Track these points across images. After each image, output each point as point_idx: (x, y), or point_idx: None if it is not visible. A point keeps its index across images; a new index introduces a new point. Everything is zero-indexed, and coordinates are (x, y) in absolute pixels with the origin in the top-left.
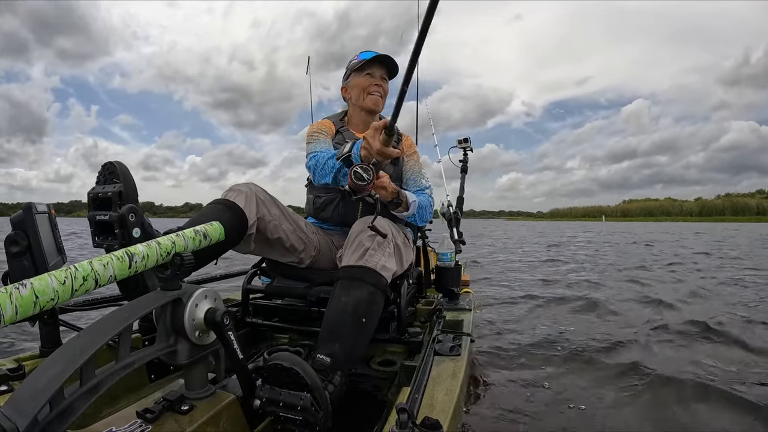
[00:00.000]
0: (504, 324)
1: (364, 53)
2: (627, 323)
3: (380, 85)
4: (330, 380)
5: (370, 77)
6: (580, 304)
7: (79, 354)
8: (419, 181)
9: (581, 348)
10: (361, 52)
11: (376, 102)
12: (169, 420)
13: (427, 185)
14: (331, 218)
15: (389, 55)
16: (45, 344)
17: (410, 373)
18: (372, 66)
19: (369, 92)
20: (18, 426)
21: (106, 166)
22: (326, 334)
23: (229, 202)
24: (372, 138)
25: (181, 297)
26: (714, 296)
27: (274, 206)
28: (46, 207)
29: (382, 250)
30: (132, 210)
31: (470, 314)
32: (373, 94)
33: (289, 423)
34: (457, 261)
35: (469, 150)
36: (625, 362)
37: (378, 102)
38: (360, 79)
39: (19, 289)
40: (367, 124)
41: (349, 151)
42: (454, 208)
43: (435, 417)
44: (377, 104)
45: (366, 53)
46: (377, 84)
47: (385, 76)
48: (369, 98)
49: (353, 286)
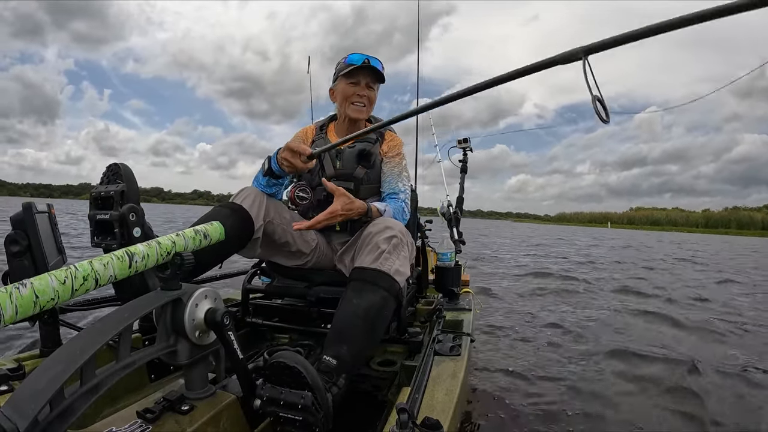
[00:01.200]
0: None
1: (352, 56)
2: (624, 322)
3: (364, 95)
4: (334, 382)
5: (354, 85)
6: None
7: (79, 354)
8: (395, 184)
9: (583, 347)
10: (351, 53)
11: (358, 113)
12: (170, 420)
13: (402, 189)
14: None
15: (376, 64)
16: (45, 344)
17: (410, 373)
18: (359, 73)
19: (352, 102)
20: (18, 426)
21: (111, 167)
22: (334, 335)
23: (236, 205)
24: (293, 159)
25: (181, 297)
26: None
27: (285, 210)
28: (46, 206)
29: (398, 253)
30: (133, 209)
31: (470, 314)
32: (356, 104)
33: (289, 424)
34: (457, 261)
35: (468, 150)
36: (624, 363)
37: (360, 112)
38: (345, 85)
39: (19, 288)
40: (350, 131)
41: (269, 167)
42: (454, 208)
43: (435, 417)
44: (359, 115)
45: (355, 56)
46: (361, 94)
47: (372, 84)
48: (351, 108)
49: (366, 289)
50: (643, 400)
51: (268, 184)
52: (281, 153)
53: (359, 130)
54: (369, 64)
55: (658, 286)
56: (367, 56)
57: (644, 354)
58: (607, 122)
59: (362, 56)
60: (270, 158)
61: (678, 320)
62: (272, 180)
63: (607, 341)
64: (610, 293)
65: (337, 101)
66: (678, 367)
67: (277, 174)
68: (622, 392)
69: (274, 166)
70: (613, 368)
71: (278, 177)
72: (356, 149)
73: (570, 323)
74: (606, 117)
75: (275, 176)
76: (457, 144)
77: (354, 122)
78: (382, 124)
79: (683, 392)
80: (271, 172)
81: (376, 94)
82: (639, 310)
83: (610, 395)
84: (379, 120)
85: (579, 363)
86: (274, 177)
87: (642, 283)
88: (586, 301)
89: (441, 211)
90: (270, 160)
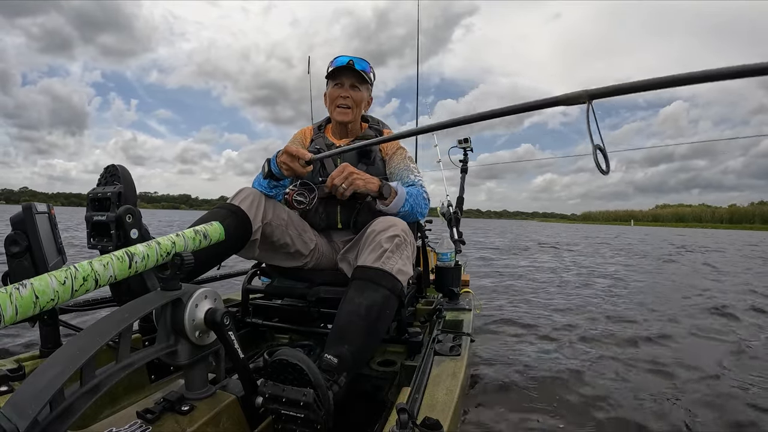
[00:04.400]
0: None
1: (339, 58)
2: (624, 321)
3: (347, 97)
4: (335, 381)
5: (339, 87)
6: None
7: (80, 354)
8: (407, 176)
9: (581, 346)
10: (337, 56)
11: (342, 115)
12: (170, 420)
13: (415, 180)
14: (317, 223)
15: (362, 65)
16: (45, 344)
17: (410, 373)
18: (341, 74)
19: (337, 105)
20: (18, 427)
21: (108, 168)
22: (336, 334)
23: (233, 206)
24: (292, 163)
25: (181, 297)
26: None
27: (283, 210)
28: (46, 207)
29: (400, 252)
30: (129, 211)
31: (470, 314)
32: (340, 107)
33: (290, 422)
34: (457, 261)
35: (469, 150)
36: (622, 361)
37: (345, 114)
38: (331, 88)
39: (19, 289)
40: (342, 132)
41: (269, 170)
42: (454, 208)
43: (435, 417)
44: (343, 118)
45: (339, 59)
46: (344, 95)
47: (357, 84)
48: (336, 111)
49: (368, 288)
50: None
51: (269, 186)
52: (280, 156)
53: (351, 132)
54: (352, 65)
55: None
56: (352, 57)
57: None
58: (606, 173)
59: (347, 57)
60: (270, 161)
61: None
62: (273, 182)
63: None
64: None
65: (327, 105)
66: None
67: (278, 176)
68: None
69: (274, 169)
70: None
71: (279, 179)
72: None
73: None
74: (606, 168)
75: (276, 178)
76: (458, 144)
77: (344, 124)
78: (384, 138)
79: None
80: (271, 175)
81: (366, 95)
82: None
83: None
84: (375, 120)
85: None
86: (274, 179)
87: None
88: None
89: (441, 211)
90: (270, 162)
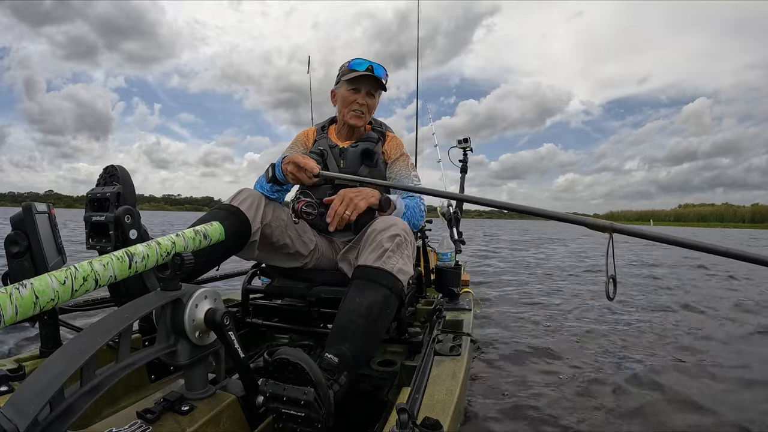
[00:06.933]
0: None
1: (356, 61)
2: (621, 320)
3: (364, 104)
4: (336, 380)
5: (355, 92)
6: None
7: (79, 354)
8: (407, 184)
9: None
10: (354, 59)
11: (356, 120)
12: (170, 420)
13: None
14: (317, 227)
15: (380, 72)
16: (45, 344)
17: (410, 373)
18: (361, 81)
19: (351, 109)
20: (18, 426)
21: (108, 169)
22: (336, 333)
23: (233, 207)
24: (299, 174)
25: (181, 297)
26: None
27: (283, 212)
28: (46, 207)
29: (401, 252)
30: (128, 211)
31: (470, 314)
32: (355, 112)
33: (291, 421)
34: (457, 261)
35: (469, 150)
36: (621, 362)
37: (359, 119)
38: (346, 91)
39: (19, 289)
40: (348, 134)
41: (273, 175)
42: (454, 208)
43: (435, 417)
44: (357, 122)
45: (358, 62)
46: (361, 102)
47: (373, 91)
48: (350, 115)
49: (368, 287)
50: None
51: (272, 190)
52: (286, 165)
53: (358, 134)
54: (372, 73)
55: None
56: (371, 62)
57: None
58: (612, 300)
59: (366, 62)
60: (274, 165)
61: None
62: (276, 186)
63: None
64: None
65: (337, 105)
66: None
67: (281, 182)
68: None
69: (278, 174)
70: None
71: (282, 184)
72: (359, 148)
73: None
74: (612, 296)
75: (279, 183)
76: (457, 144)
77: (353, 127)
78: (391, 185)
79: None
80: (275, 180)
81: (377, 101)
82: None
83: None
84: (379, 123)
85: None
86: (278, 184)
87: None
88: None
89: (441, 211)
90: (275, 167)
